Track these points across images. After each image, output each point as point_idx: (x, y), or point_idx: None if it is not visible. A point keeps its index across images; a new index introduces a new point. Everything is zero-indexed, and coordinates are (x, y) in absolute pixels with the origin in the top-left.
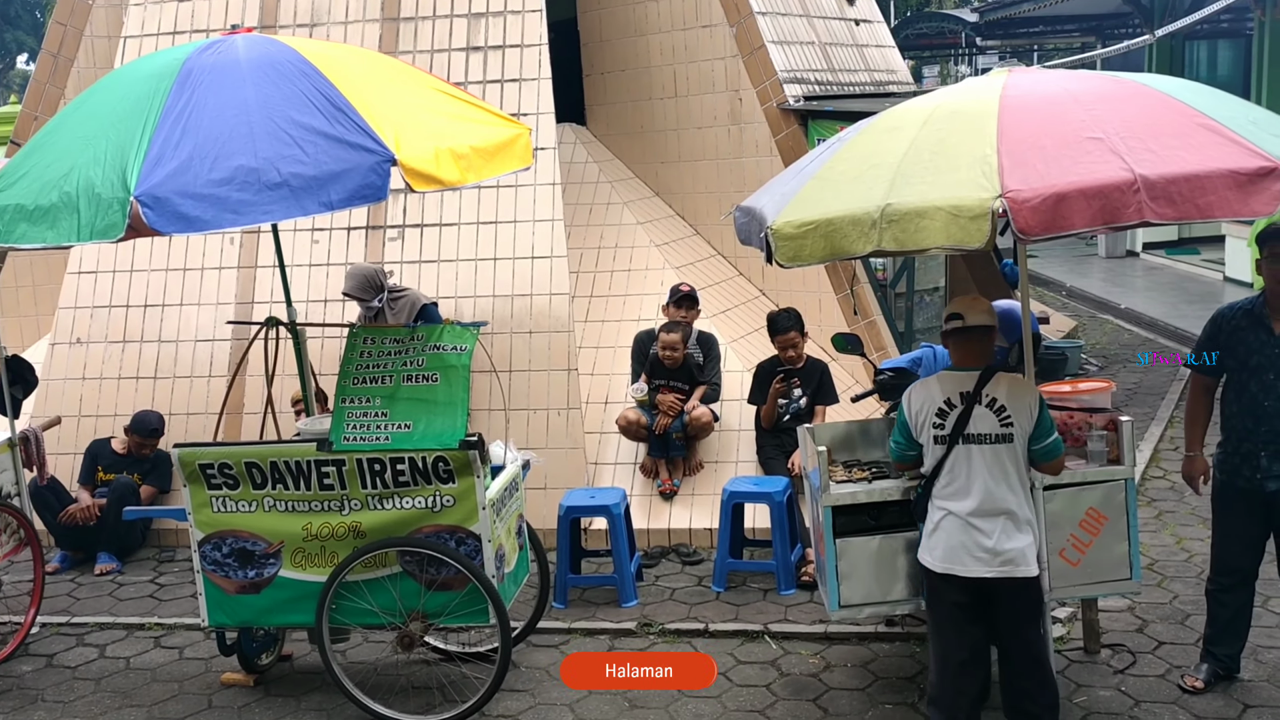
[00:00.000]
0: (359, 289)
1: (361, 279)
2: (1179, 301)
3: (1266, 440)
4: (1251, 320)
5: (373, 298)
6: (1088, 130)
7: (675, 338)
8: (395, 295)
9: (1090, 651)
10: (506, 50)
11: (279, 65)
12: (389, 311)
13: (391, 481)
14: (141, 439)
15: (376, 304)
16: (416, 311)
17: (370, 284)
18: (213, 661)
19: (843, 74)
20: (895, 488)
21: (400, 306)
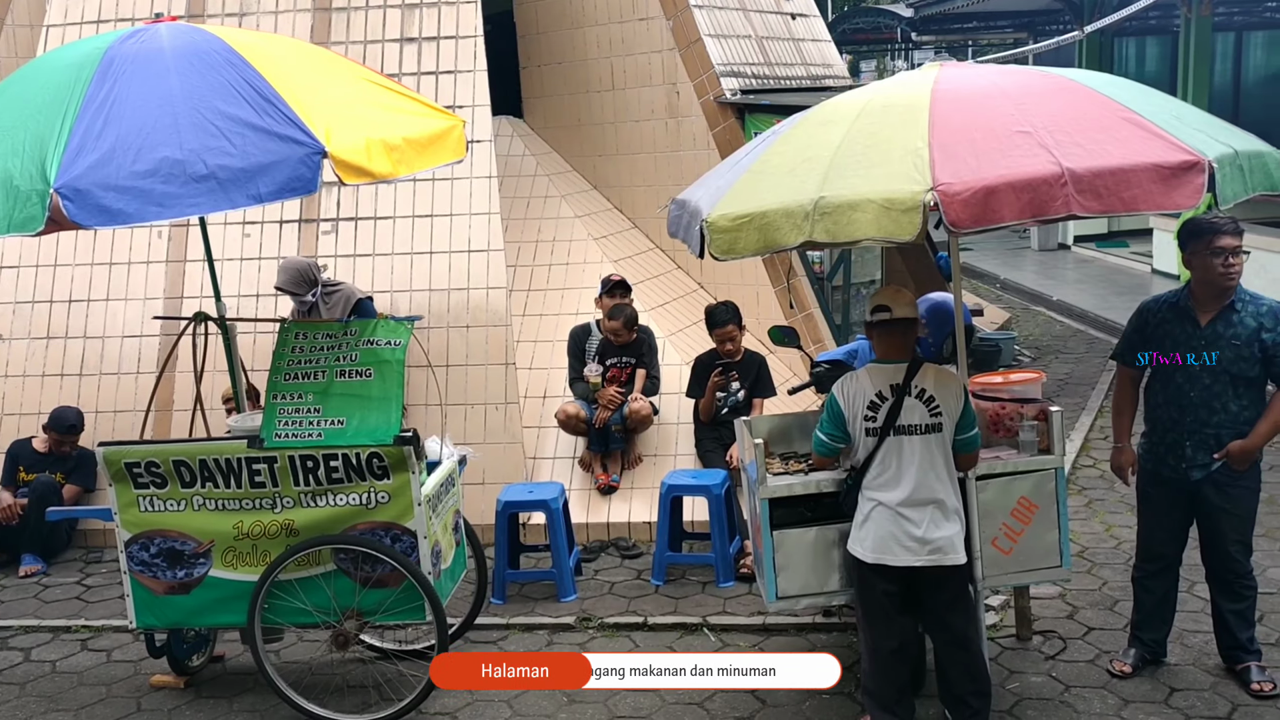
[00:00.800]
0: (291, 283)
1: (294, 272)
2: (1108, 294)
3: (1191, 430)
4: (1177, 313)
5: (306, 292)
6: (1017, 124)
7: (617, 324)
8: (329, 289)
9: (1022, 638)
10: (441, 42)
11: (204, 55)
12: (323, 306)
13: (325, 478)
14: (60, 435)
15: (310, 298)
16: (351, 306)
17: (303, 278)
18: (142, 664)
19: (779, 68)
20: (831, 479)
21: (334, 301)
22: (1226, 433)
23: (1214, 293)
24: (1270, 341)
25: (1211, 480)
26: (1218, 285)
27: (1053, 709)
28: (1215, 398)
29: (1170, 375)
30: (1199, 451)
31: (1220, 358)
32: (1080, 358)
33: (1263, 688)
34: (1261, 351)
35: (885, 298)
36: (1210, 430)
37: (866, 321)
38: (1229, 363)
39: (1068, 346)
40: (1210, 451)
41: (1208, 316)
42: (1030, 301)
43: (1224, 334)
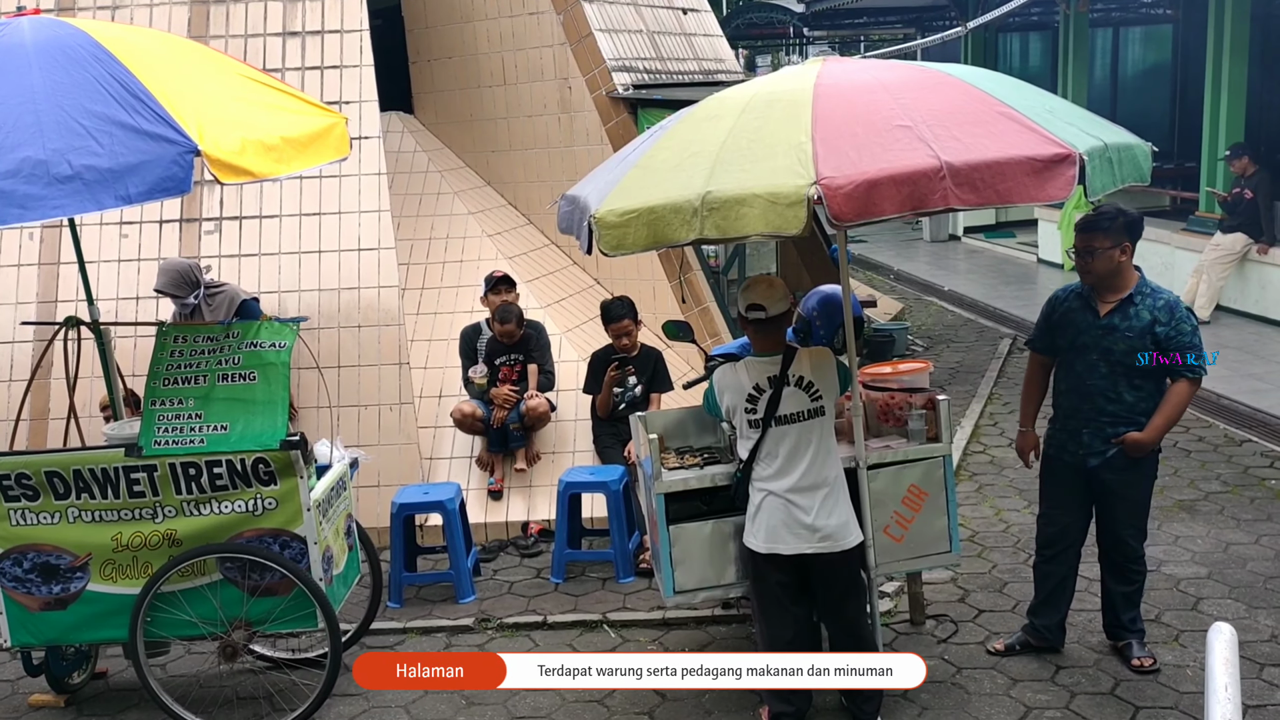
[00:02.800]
0: (172, 285)
1: (174, 274)
2: (997, 283)
3: (1089, 418)
4: (1081, 302)
5: (188, 294)
6: (897, 118)
7: (510, 327)
8: (212, 291)
9: (916, 623)
10: (326, 36)
11: (69, 50)
12: (205, 308)
13: (208, 486)
14: None
15: (192, 300)
16: (235, 307)
17: (184, 279)
18: (19, 683)
19: (671, 62)
20: (725, 473)
21: (218, 303)
22: (1123, 422)
23: (1102, 285)
24: (1163, 335)
25: (1107, 466)
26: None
27: (945, 691)
28: (1111, 387)
29: (1072, 364)
30: (1095, 439)
31: (1115, 348)
32: (970, 346)
33: (1143, 663)
34: (1154, 345)
35: (759, 295)
36: (1106, 419)
37: (741, 318)
38: (1122, 354)
39: (959, 335)
40: (1107, 440)
41: (1107, 308)
42: (923, 292)
43: (1120, 326)
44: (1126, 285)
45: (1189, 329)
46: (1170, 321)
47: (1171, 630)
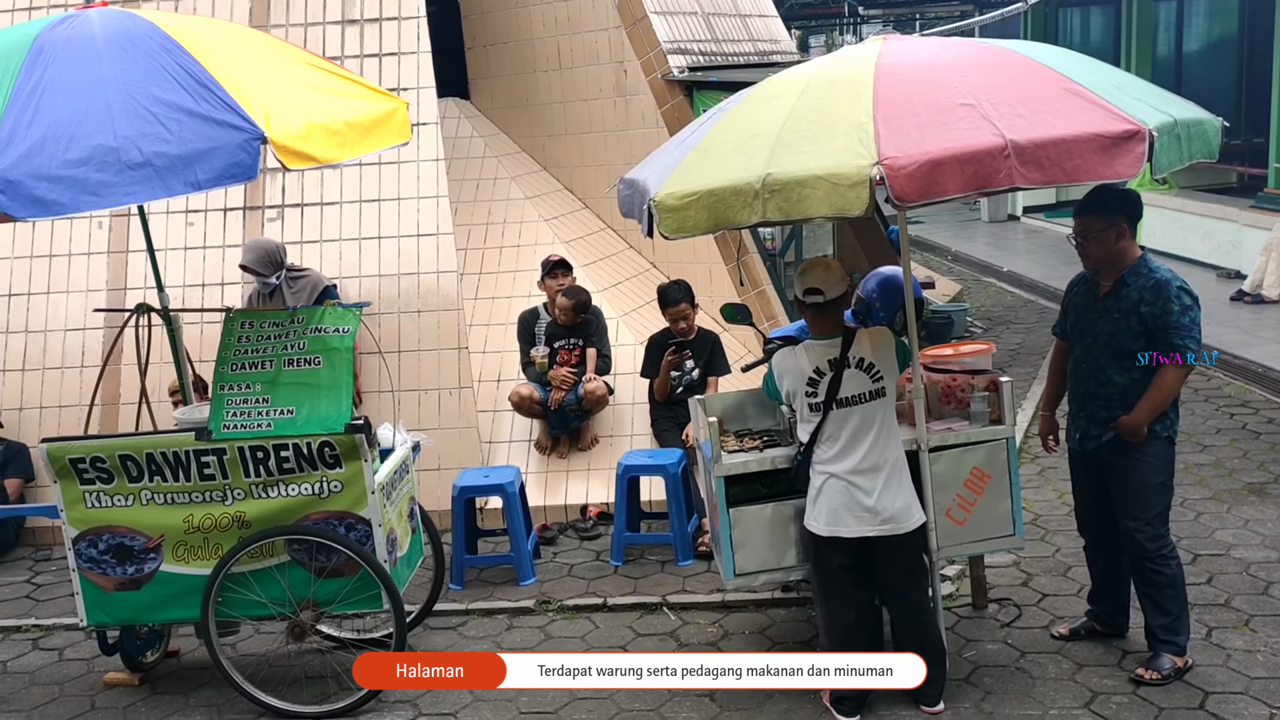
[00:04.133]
0: (257, 262)
1: (261, 252)
2: (1058, 263)
3: (1084, 401)
4: (1088, 285)
5: (271, 273)
6: (960, 97)
7: (569, 303)
8: (295, 274)
9: (978, 607)
10: (384, 23)
11: (137, 40)
12: (288, 290)
13: (276, 469)
14: None
15: (274, 280)
16: (318, 294)
17: (270, 258)
18: (95, 661)
19: (726, 44)
20: (786, 456)
21: (301, 287)
22: (1116, 405)
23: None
24: (1148, 315)
25: (1104, 451)
26: None
27: (1009, 675)
28: (1101, 370)
29: (1074, 347)
30: (1091, 423)
31: (1103, 329)
32: (1031, 328)
33: (1144, 674)
34: (1140, 325)
35: (816, 279)
36: (1099, 402)
37: (799, 301)
38: (1109, 335)
39: (1019, 317)
40: (1102, 424)
41: (1105, 289)
42: (981, 273)
43: (1112, 307)
44: (1125, 266)
45: (1176, 309)
46: (1156, 301)
47: (1242, 615)
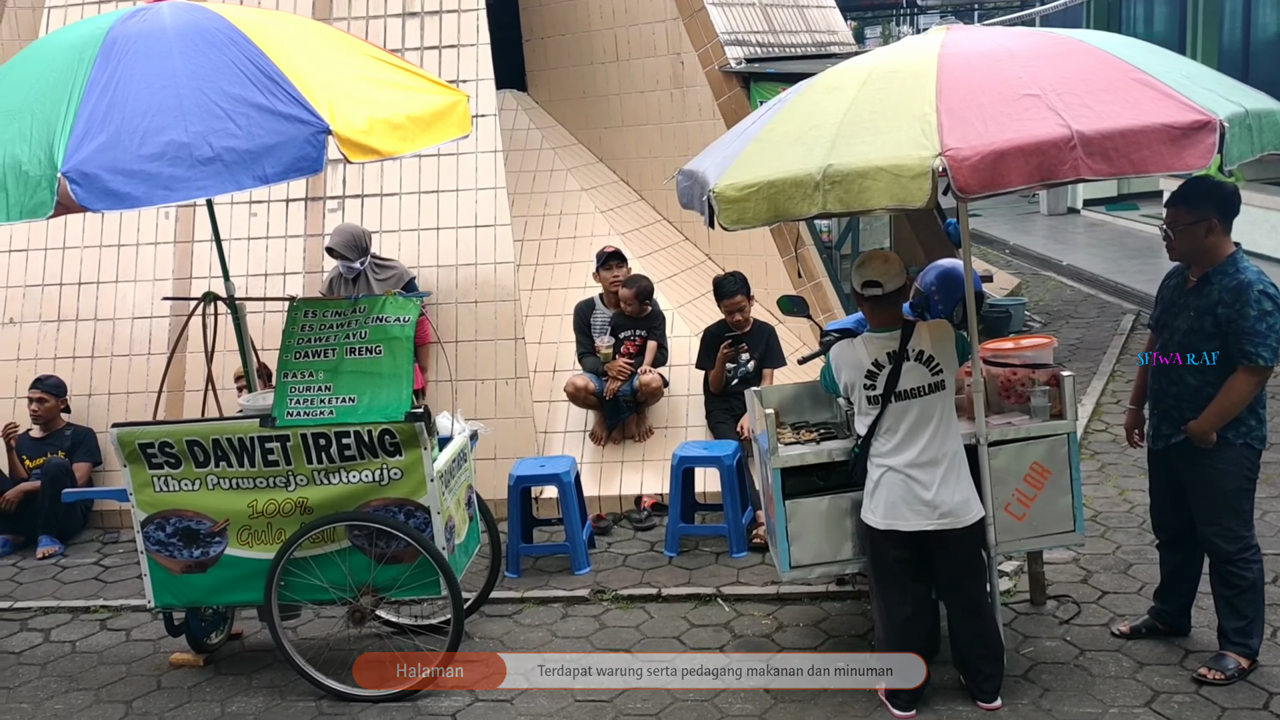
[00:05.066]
0: (344, 245)
1: (347, 236)
2: (1119, 257)
3: (1157, 398)
4: (1179, 279)
5: (356, 258)
6: (1025, 87)
7: (630, 293)
8: (381, 264)
9: (1036, 603)
10: (444, 15)
11: (207, 34)
12: (373, 278)
13: (337, 456)
14: (44, 392)
15: (358, 265)
16: (402, 286)
17: (355, 243)
18: (161, 642)
19: (784, 35)
20: (842, 448)
21: (387, 278)
22: (1188, 406)
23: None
24: (1224, 317)
25: (1176, 453)
26: None
27: (1067, 673)
28: (1174, 367)
29: (1157, 339)
30: (1163, 421)
31: (1180, 326)
32: (1091, 322)
33: (1207, 673)
34: (1214, 326)
35: (875, 271)
36: (1171, 400)
37: (856, 294)
38: (1184, 333)
39: (1079, 311)
40: (1174, 423)
41: (1191, 284)
42: (1040, 266)
43: (1192, 304)
44: (1212, 263)
45: (1254, 314)
46: (1234, 304)
47: None
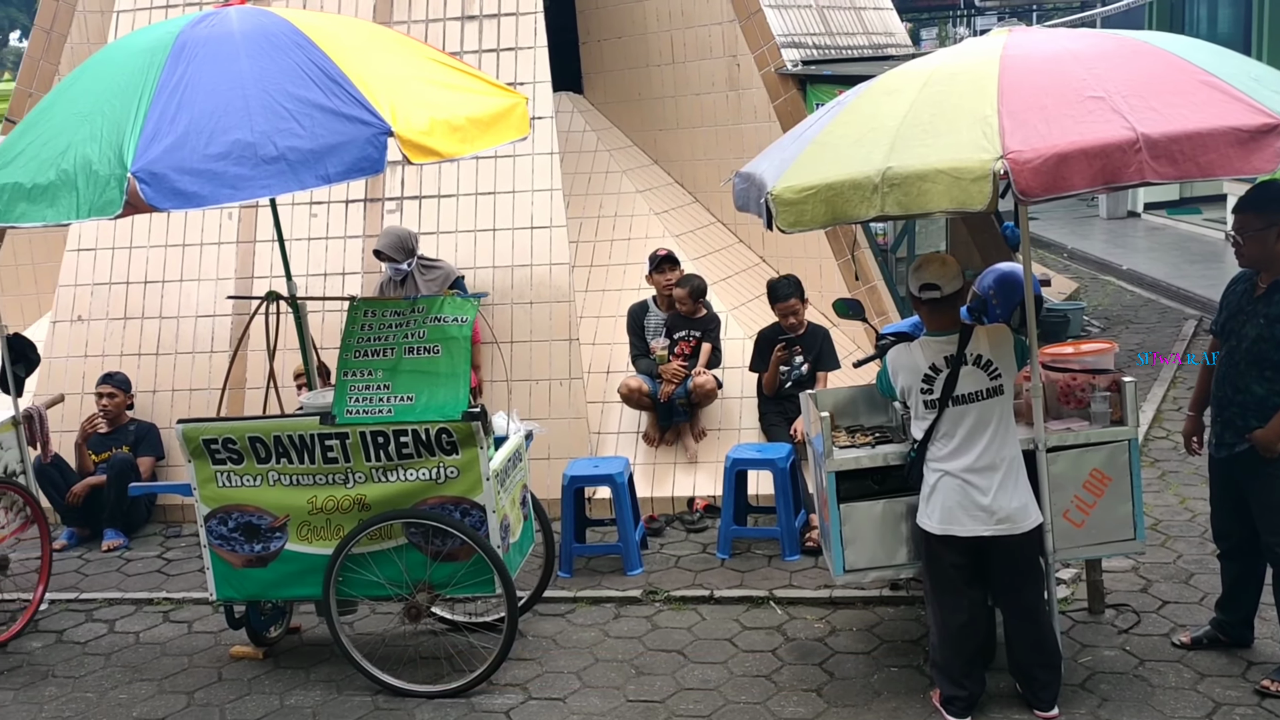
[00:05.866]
0: (390, 247)
1: (394, 238)
2: (1181, 261)
3: (1221, 406)
4: (1247, 285)
5: (403, 260)
6: (1089, 89)
7: (684, 292)
8: (428, 264)
9: (1094, 612)
10: (502, 19)
11: (273, 37)
12: (420, 278)
13: (395, 454)
14: (112, 388)
15: (406, 267)
16: (449, 285)
17: (402, 245)
18: (222, 635)
19: (841, 37)
20: (898, 452)
21: (434, 277)
22: (1253, 415)
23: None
24: None
25: (1238, 462)
26: None
27: (1126, 683)
28: (1240, 376)
29: (1222, 346)
30: (1226, 430)
31: (1248, 334)
32: (1152, 328)
33: (1269, 686)
34: None
35: (933, 274)
36: (1235, 409)
37: (913, 297)
38: (1252, 341)
39: (1139, 316)
40: (1238, 432)
41: (1260, 291)
42: (1099, 271)
43: (1261, 311)
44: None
45: None
46: None
47: None
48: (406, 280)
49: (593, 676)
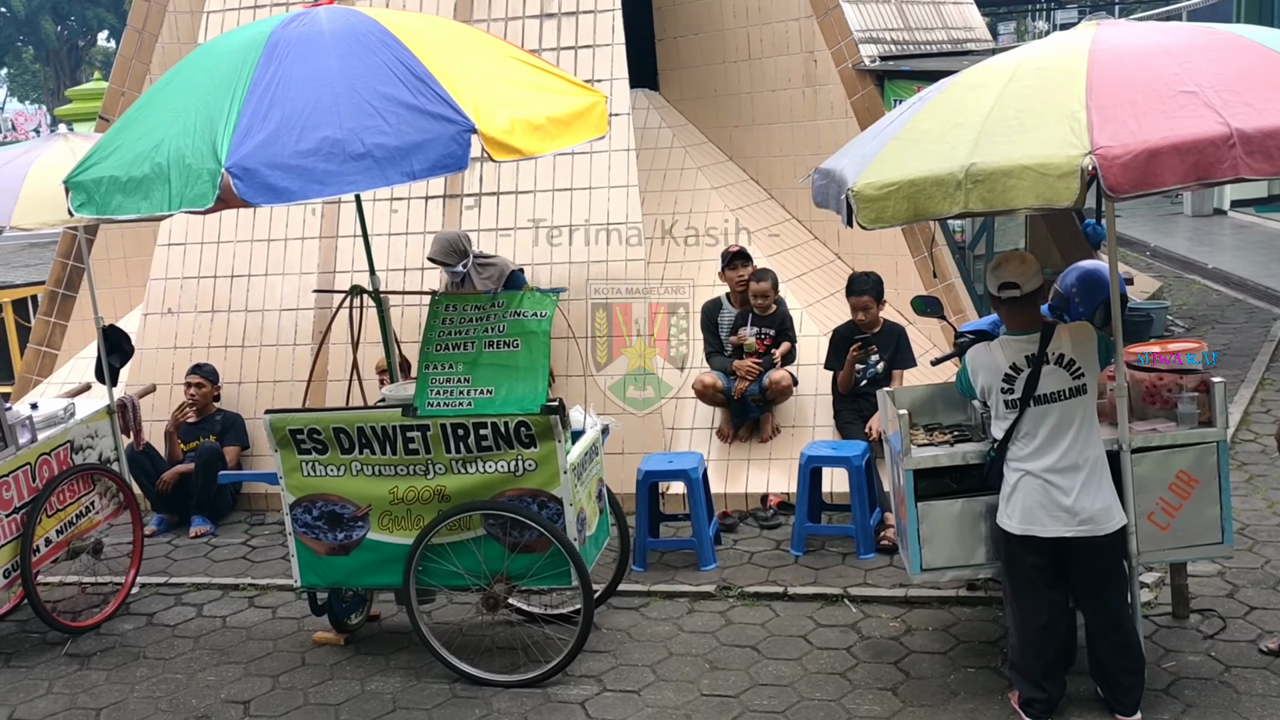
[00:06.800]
0: (441, 253)
1: (444, 243)
2: (1269, 260)
3: None
4: None
5: (457, 263)
6: (1180, 84)
7: (765, 285)
8: (483, 261)
9: (1179, 616)
10: (580, 16)
11: (361, 36)
12: (476, 277)
13: (475, 446)
14: (200, 378)
15: (461, 269)
16: (505, 278)
17: (453, 248)
18: (304, 621)
19: (919, 32)
20: (977, 451)
21: (489, 274)
22: None
23: None
24: None
25: None
26: None
27: (1211, 689)
28: None
29: None
30: None
31: None
32: (1239, 328)
33: None
34: None
35: (1012, 273)
36: None
37: (992, 297)
38: None
39: (1225, 316)
40: None
41: None
42: (1183, 269)
43: None
44: None
45: None
46: None
47: None
48: (464, 281)
49: (667, 670)
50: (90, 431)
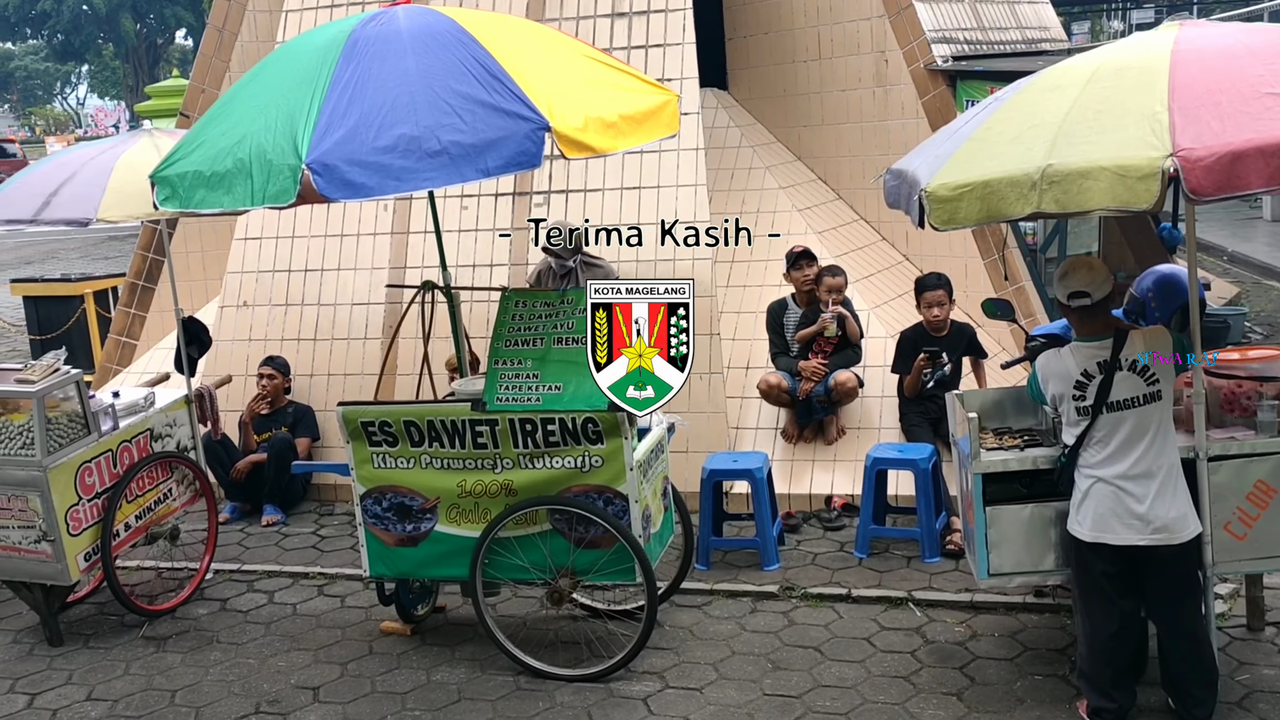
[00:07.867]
0: (566, 242)
1: (571, 235)
2: None
3: None
4: None
5: (570, 256)
6: (1266, 85)
7: (840, 280)
8: (590, 262)
9: (1254, 629)
10: (651, 15)
11: (438, 35)
12: (582, 276)
13: (542, 441)
14: (273, 370)
15: (570, 263)
16: None
17: (577, 241)
18: (372, 610)
19: (993, 32)
20: (1047, 456)
21: (596, 274)
22: None
23: None
24: None
25: None
26: None
27: None
28: None
29: None
30: None
31: None
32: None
33: None
34: None
35: (1081, 280)
36: None
37: (1062, 305)
38: None
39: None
40: None
41: None
42: (1262, 275)
43: None
44: None
45: None
46: None
47: None
48: (569, 275)
49: (729, 669)
50: (169, 420)
